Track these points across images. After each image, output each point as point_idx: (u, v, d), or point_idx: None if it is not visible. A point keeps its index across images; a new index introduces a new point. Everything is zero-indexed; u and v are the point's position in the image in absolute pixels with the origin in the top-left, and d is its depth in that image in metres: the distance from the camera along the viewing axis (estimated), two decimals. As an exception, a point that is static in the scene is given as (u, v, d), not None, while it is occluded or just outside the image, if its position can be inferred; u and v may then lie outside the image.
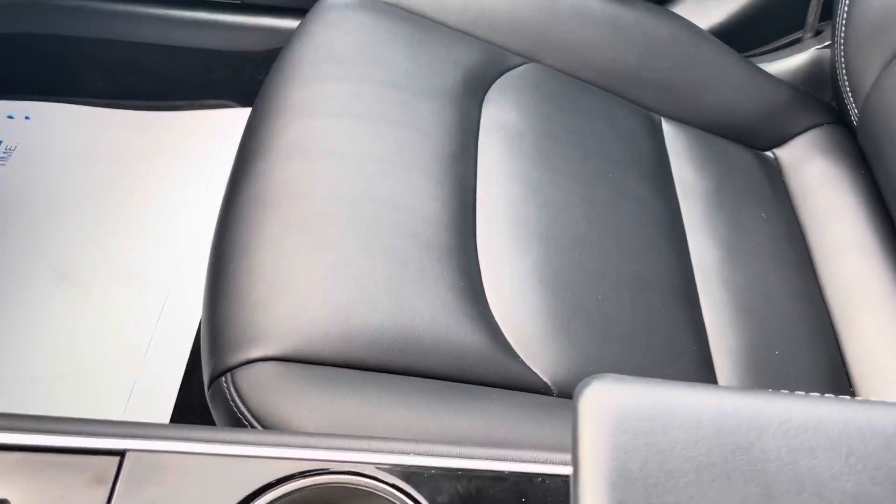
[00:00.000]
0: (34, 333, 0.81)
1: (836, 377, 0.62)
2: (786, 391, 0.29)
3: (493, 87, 0.70)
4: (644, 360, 0.56)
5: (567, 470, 0.34)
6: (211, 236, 0.59)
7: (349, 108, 0.62)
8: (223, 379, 0.48)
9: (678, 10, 0.87)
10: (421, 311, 0.52)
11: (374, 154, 0.60)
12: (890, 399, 0.62)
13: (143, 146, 0.99)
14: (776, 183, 0.76)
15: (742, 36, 0.85)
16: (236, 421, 0.47)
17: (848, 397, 0.29)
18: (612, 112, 0.72)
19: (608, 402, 0.27)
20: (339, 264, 0.53)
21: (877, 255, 0.67)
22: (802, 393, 0.29)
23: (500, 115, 0.67)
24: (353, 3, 0.71)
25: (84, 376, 0.77)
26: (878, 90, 0.68)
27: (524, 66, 0.72)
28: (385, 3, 0.71)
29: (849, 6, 0.70)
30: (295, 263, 0.53)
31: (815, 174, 0.75)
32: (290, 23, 0.94)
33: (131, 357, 0.79)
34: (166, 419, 0.75)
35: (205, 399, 0.51)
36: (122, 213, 0.92)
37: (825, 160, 0.76)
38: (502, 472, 0.35)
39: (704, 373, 0.59)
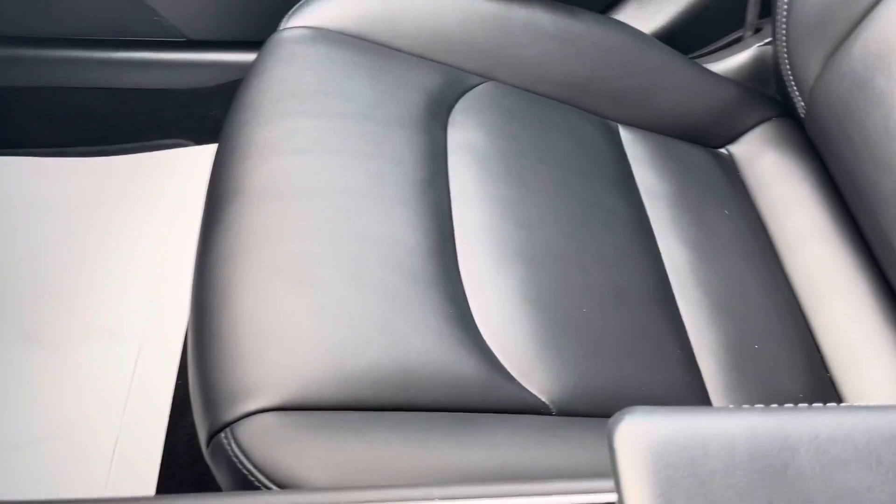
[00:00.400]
0: (5, 399, 0.77)
1: (813, 364, 0.64)
2: (805, 405, 0.30)
3: (455, 108, 0.70)
4: (635, 369, 0.57)
5: (603, 498, 0.34)
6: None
7: (317, 143, 0.61)
8: (223, 435, 0.47)
9: (621, 16, 0.88)
10: (414, 343, 0.51)
11: (347, 188, 0.59)
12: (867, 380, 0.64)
13: (96, 193, 0.96)
14: (734, 179, 0.77)
15: (686, 38, 0.86)
16: (242, 478, 0.45)
17: (867, 405, 0.29)
18: (572, 123, 0.73)
19: (644, 437, 0.27)
20: (326, 304, 0.52)
21: (836, 242, 0.69)
22: (821, 405, 0.30)
23: (466, 137, 0.67)
24: (308, 36, 0.69)
25: (64, 438, 0.74)
26: (823, 83, 0.70)
27: (482, 85, 0.72)
28: (339, 33, 0.71)
29: (788, 3, 0.72)
30: (281, 308, 0.52)
31: (768, 167, 0.77)
32: (237, 56, 0.92)
33: (110, 414, 0.76)
34: (154, 474, 0.72)
35: (192, 449, 0.49)
36: (83, 265, 0.88)
37: (777, 153, 0.77)
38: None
39: (691, 374, 0.59)
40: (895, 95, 0.62)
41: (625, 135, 0.76)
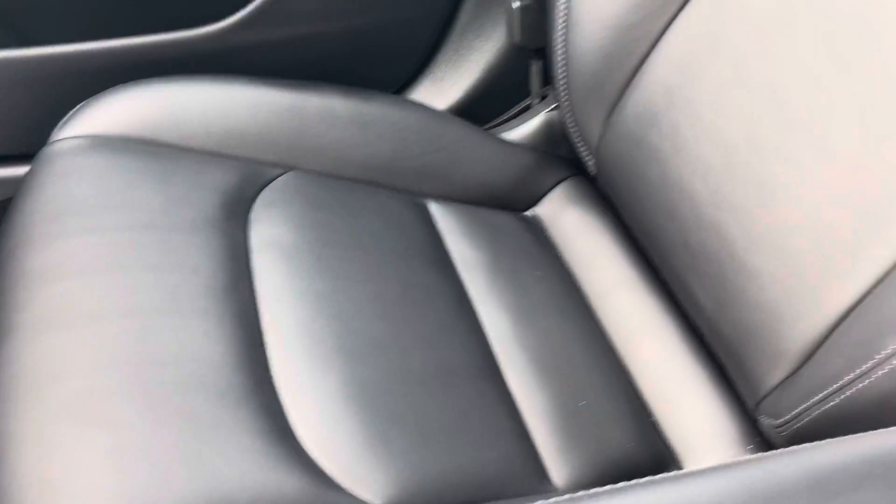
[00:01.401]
0: None
1: (636, 410, 0.64)
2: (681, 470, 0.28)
3: (255, 204, 0.65)
4: (467, 451, 0.54)
5: None
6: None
7: (101, 262, 0.54)
8: None
9: (418, 94, 0.88)
10: (226, 471, 0.45)
11: (138, 308, 0.53)
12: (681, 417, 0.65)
13: None
14: (542, 240, 0.78)
15: (480, 110, 0.87)
16: None
17: (736, 460, 0.28)
18: (381, 204, 0.71)
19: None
20: (120, 444, 0.45)
21: (641, 288, 0.71)
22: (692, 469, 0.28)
23: (270, 233, 0.62)
24: (84, 146, 0.63)
25: None
26: (605, 142, 0.72)
27: (283, 176, 0.69)
28: (120, 139, 0.65)
29: (565, 71, 0.74)
30: (68, 456, 0.45)
31: (571, 225, 0.78)
32: (4, 173, 0.82)
33: None
34: None
35: None
36: None
37: (577, 210, 0.79)
38: None
39: (524, 444, 0.57)
40: (667, 149, 0.64)
41: (435, 209, 0.75)
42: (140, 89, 0.69)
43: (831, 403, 0.47)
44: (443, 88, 0.87)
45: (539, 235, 0.78)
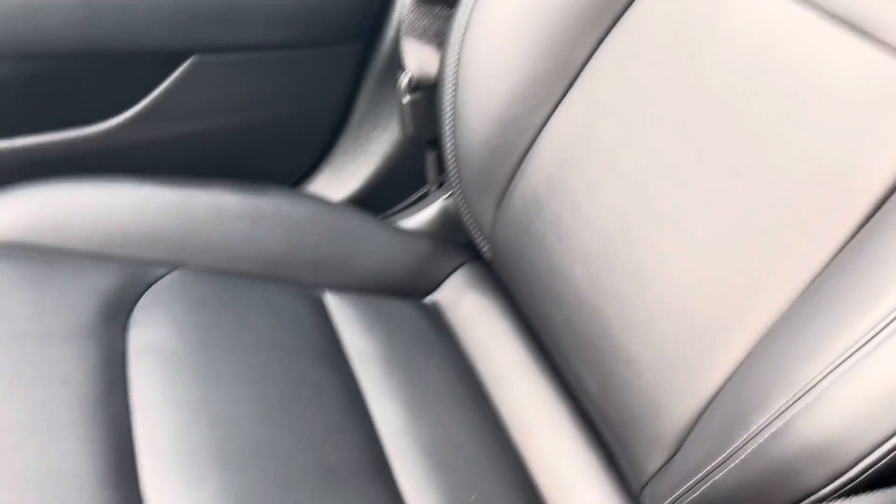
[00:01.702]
0: None
1: (529, 499, 0.63)
2: None
3: (137, 306, 0.64)
4: (350, 558, 0.52)
5: None
6: None
7: (-40, 379, 0.52)
8: None
9: (317, 185, 0.89)
10: None
11: (4, 425, 0.50)
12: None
13: None
14: (440, 326, 0.78)
15: (379, 198, 0.89)
16: None
17: None
18: (272, 299, 0.70)
19: None
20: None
21: (536, 373, 0.71)
22: None
23: (149, 337, 0.61)
24: (-45, 253, 0.61)
25: None
26: (497, 228, 0.74)
27: (169, 275, 0.68)
28: (-4, 245, 0.63)
29: (455, 162, 0.76)
30: None
31: (468, 310, 0.79)
32: None
33: None
34: None
35: None
36: None
37: (475, 296, 0.80)
38: None
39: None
40: (551, 236, 0.66)
41: (331, 300, 0.75)
42: (21, 192, 0.68)
43: (698, 492, 0.47)
44: (342, 178, 0.88)
45: (437, 322, 0.78)
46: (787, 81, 0.52)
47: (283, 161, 0.86)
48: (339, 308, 0.74)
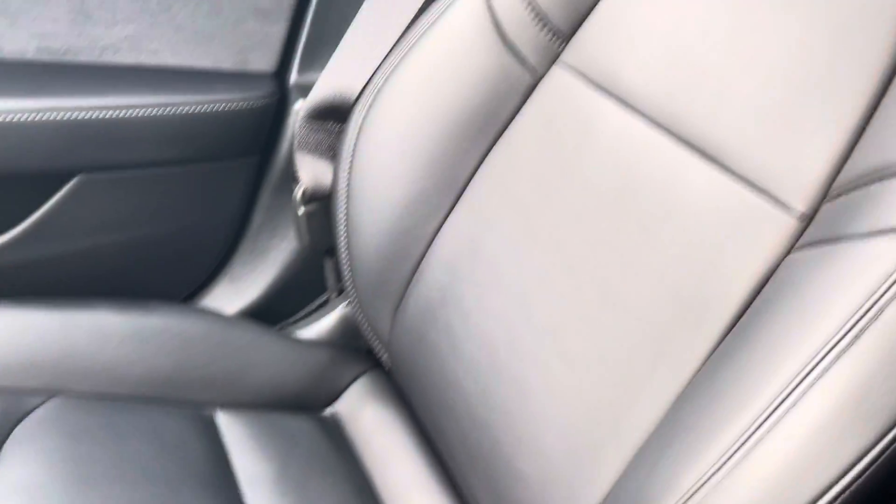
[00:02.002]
0: None
1: None
2: None
3: (7, 441, 0.61)
4: None
5: None
6: None
7: None
8: None
9: (214, 296, 0.88)
10: None
11: None
12: None
13: None
14: (338, 441, 0.76)
15: (280, 308, 0.88)
16: None
17: None
18: (157, 424, 0.67)
19: None
20: None
21: (435, 489, 0.70)
22: None
23: (16, 476, 0.58)
24: None
25: None
26: (394, 337, 0.74)
27: (45, 404, 0.65)
28: None
29: (351, 272, 0.76)
30: None
31: (368, 422, 0.78)
32: None
33: None
34: None
35: None
36: None
37: (375, 406, 0.79)
38: None
39: None
40: (443, 347, 0.66)
41: (222, 419, 0.73)
42: None
43: None
44: (240, 288, 0.87)
45: (335, 437, 0.77)
46: (648, 202, 0.55)
47: (177, 275, 0.85)
48: (230, 428, 0.72)
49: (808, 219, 0.46)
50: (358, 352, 0.84)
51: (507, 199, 0.65)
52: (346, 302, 0.85)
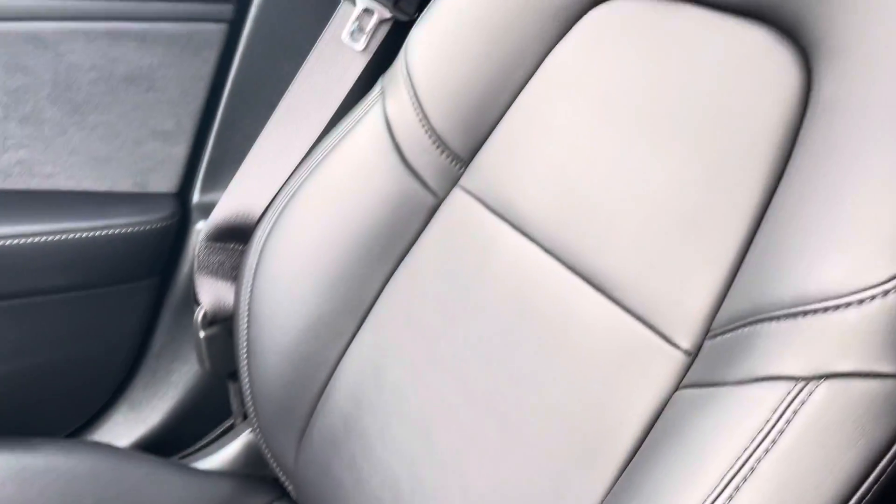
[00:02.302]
0: None
1: None
2: None
3: None
4: None
5: None
6: None
7: None
8: None
9: (111, 424, 0.84)
10: None
11: None
12: None
13: None
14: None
15: (182, 434, 0.84)
16: None
17: None
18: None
19: None
20: None
21: None
22: None
23: None
24: None
25: None
26: (298, 467, 0.71)
27: None
28: None
29: (253, 396, 0.73)
30: None
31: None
32: None
33: None
34: None
35: None
36: None
37: (281, 540, 0.75)
38: None
39: None
40: (347, 480, 0.64)
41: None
42: None
43: None
44: (140, 416, 0.83)
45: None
46: (544, 332, 0.54)
47: (69, 405, 0.80)
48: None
49: (693, 355, 0.47)
50: (264, 481, 0.80)
51: (411, 323, 0.64)
52: (250, 429, 0.82)
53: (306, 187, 0.71)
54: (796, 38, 0.48)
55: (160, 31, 0.72)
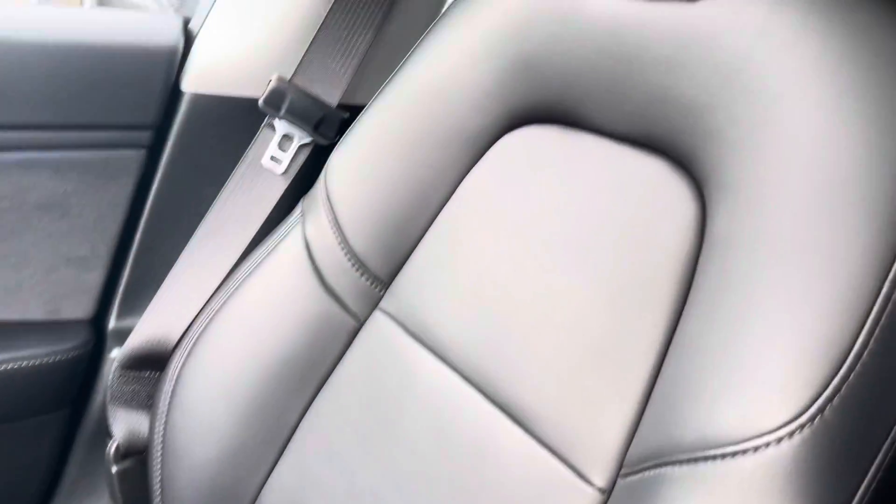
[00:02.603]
0: None
1: None
2: None
3: None
4: None
5: None
6: None
7: None
8: None
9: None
10: None
11: None
12: None
13: None
14: None
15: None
16: None
17: None
18: None
19: None
20: None
21: None
22: None
23: None
24: None
25: None
26: None
27: None
28: None
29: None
30: None
31: None
32: None
33: None
34: None
35: None
36: None
37: None
38: None
39: None
40: None
41: None
42: None
43: None
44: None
45: None
46: (463, 465, 0.53)
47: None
48: None
49: (608, 493, 0.46)
50: None
51: (331, 454, 0.62)
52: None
53: (225, 311, 0.69)
54: (690, 170, 0.49)
55: (76, 158, 0.71)
